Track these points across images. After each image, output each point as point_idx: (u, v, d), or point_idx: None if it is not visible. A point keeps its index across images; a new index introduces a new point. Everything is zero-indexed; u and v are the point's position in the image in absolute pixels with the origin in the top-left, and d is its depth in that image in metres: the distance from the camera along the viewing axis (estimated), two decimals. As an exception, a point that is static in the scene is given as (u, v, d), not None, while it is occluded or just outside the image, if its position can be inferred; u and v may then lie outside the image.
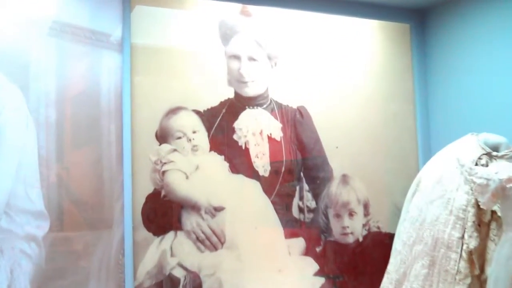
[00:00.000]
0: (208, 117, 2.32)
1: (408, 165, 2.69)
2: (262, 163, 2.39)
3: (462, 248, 1.94)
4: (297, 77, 2.52)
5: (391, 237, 2.40)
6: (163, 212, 2.21)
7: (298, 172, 2.47)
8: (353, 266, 2.53)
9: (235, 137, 2.37)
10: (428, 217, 2.06)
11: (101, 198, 2.11)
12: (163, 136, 2.24)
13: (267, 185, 2.39)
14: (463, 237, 1.95)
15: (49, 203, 1.99)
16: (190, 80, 2.31)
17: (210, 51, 2.35)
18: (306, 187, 2.47)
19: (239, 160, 2.35)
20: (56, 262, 2.00)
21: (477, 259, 1.93)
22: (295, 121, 2.48)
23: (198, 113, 2.31)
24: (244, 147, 2.37)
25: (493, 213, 1.94)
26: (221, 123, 2.34)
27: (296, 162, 2.46)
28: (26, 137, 1.97)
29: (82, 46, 2.12)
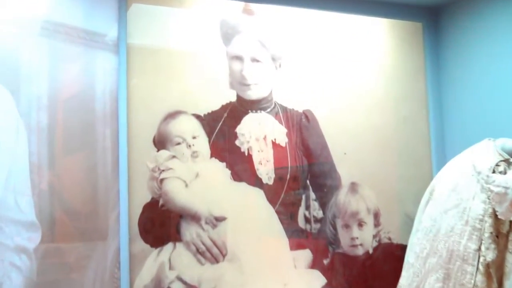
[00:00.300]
0: (208, 121, 2.32)
1: (421, 172, 2.68)
2: (266, 170, 2.38)
3: (478, 260, 1.93)
4: (303, 79, 2.51)
5: (403, 249, 2.39)
6: (161, 222, 2.20)
7: (304, 180, 2.46)
8: (363, 279, 2.52)
9: (237, 142, 2.36)
10: (442, 228, 2.05)
11: (95, 207, 2.10)
12: (161, 141, 2.24)
13: (271, 194, 2.38)
14: (480, 249, 1.94)
15: (41, 213, 1.99)
16: (189, 82, 2.30)
17: (210, 52, 2.35)
18: (312, 195, 2.46)
19: (241, 167, 2.34)
20: (48, 275, 1.99)
21: (495, 272, 1.93)
22: (300, 126, 2.48)
23: (198, 117, 2.30)
24: (247, 154, 2.37)
25: (512, 223, 1.93)
26: (222, 128, 2.34)
27: (302, 169, 2.45)
28: (16, 143, 1.97)
29: (75, 46, 2.12)
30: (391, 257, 2.55)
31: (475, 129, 2.56)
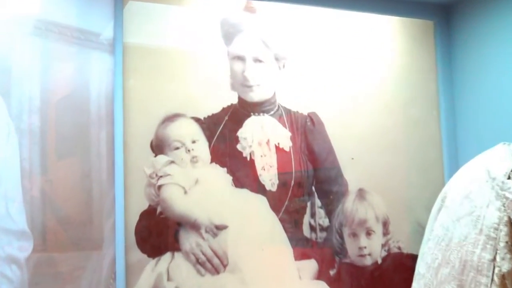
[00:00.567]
0: (209, 125, 2.32)
1: (432, 178, 2.68)
2: (269, 176, 2.38)
3: (493, 271, 1.92)
4: (308, 80, 2.51)
5: (413, 258, 2.38)
6: (159, 231, 2.20)
7: (309, 186, 2.45)
8: (371, 291, 2.51)
9: (239, 147, 2.36)
10: (455, 237, 2.04)
11: (90, 215, 2.10)
12: (159, 146, 2.24)
13: (275, 201, 2.37)
14: (495, 259, 1.93)
15: (32, 221, 1.98)
16: (189, 84, 2.31)
17: (211, 52, 2.35)
18: (318, 202, 2.46)
19: (243, 172, 2.34)
20: (40, 286, 1.98)
21: (511, 284, 1.91)
22: (305, 129, 2.48)
23: (197, 120, 2.30)
24: (249, 159, 2.36)
25: (529, 232, 1.92)
26: (223, 131, 2.34)
27: (307, 175, 2.45)
28: (7, 147, 1.97)
29: (69, 46, 2.12)
30: (401, 268, 2.55)
31: (489, 132, 2.55)
